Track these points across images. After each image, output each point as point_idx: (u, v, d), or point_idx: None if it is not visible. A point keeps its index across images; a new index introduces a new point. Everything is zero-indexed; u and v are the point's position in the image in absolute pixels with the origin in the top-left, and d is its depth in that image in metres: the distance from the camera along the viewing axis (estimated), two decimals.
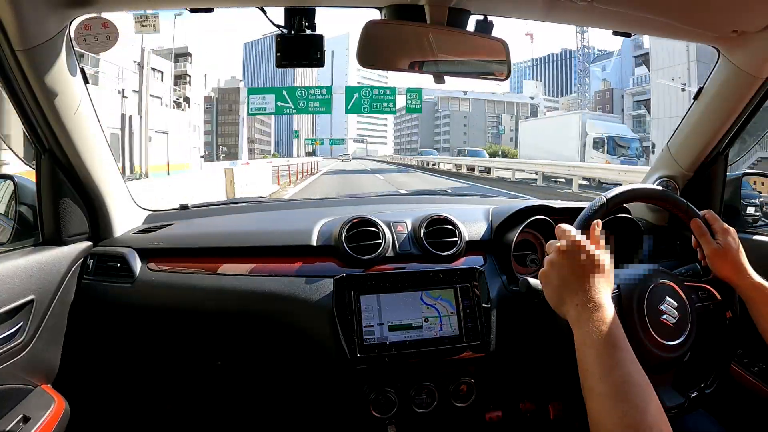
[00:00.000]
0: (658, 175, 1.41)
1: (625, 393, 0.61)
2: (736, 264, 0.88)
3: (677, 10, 1.02)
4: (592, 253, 0.74)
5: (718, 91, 1.21)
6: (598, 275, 0.73)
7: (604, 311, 0.69)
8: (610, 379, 0.63)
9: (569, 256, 0.75)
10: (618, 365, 0.64)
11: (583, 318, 0.69)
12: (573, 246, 0.75)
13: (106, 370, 1.25)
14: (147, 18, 3.41)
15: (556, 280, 0.76)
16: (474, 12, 1.03)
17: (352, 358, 1.02)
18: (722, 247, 0.89)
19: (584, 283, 0.72)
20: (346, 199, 1.85)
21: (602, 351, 0.65)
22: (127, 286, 1.15)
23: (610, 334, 0.66)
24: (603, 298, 0.71)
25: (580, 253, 0.74)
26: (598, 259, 0.74)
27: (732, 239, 0.90)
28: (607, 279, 0.75)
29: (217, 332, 1.16)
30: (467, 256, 1.21)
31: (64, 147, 1.09)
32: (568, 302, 0.73)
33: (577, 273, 0.74)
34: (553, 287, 0.76)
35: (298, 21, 1.05)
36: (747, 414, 1.22)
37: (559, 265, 0.76)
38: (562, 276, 0.75)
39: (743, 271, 0.88)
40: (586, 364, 0.67)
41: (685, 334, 0.85)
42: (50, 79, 0.99)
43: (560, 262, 0.76)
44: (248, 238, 1.22)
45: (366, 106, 30.97)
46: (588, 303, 0.70)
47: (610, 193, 0.88)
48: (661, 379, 0.86)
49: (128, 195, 1.33)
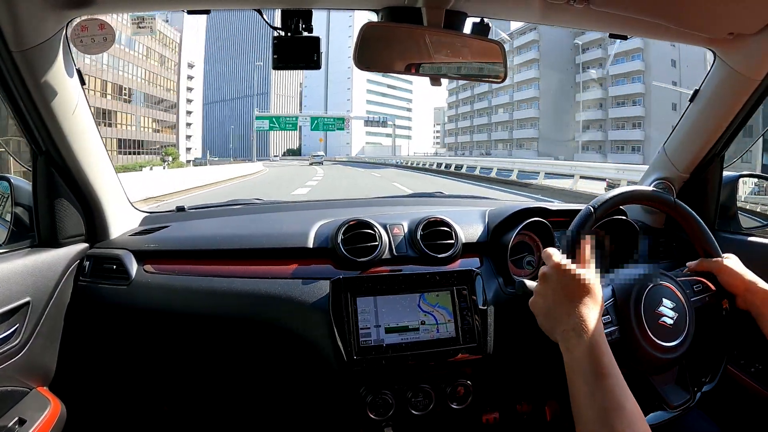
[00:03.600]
0: (654, 177, 1.42)
1: (611, 420, 0.62)
2: (743, 280, 0.87)
3: (673, 12, 1.02)
4: (577, 276, 0.74)
5: (714, 93, 1.21)
6: (586, 298, 0.72)
7: (592, 337, 0.69)
8: (596, 406, 0.64)
9: (554, 282, 0.75)
10: (605, 393, 0.64)
11: (571, 345, 0.69)
12: (557, 272, 0.75)
13: (103, 373, 1.24)
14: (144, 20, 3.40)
15: (543, 308, 0.76)
16: (471, 14, 1.04)
17: (349, 361, 1.02)
18: (730, 263, 0.89)
19: (571, 308, 0.72)
20: (342, 201, 1.85)
21: (590, 379, 0.65)
22: (123, 288, 1.15)
23: (598, 362, 0.66)
24: (591, 323, 0.70)
25: (565, 278, 0.74)
26: (584, 282, 0.73)
27: (734, 261, 0.90)
28: (596, 300, 0.74)
29: (213, 334, 1.16)
30: (464, 258, 1.22)
31: (61, 148, 1.08)
32: (557, 329, 0.73)
33: (563, 299, 0.73)
34: (543, 315, 0.76)
35: (295, 23, 1.05)
36: (745, 415, 1.22)
37: (544, 294, 0.76)
38: (549, 304, 0.75)
39: (755, 281, 0.87)
40: (574, 390, 0.67)
41: (684, 332, 0.85)
42: (47, 81, 0.99)
43: (545, 290, 0.76)
44: (244, 240, 1.21)
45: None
46: (575, 329, 0.70)
47: (597, 201, 0.87)
48: (664, 378, 0.87)
49: (124, 197, 1.33)
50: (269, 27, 1.07)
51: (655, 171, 1.43)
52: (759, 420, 1.19)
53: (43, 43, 0.95)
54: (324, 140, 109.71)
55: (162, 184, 14.55)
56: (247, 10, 1.11)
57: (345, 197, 2.52)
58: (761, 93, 1.16)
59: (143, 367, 1.24)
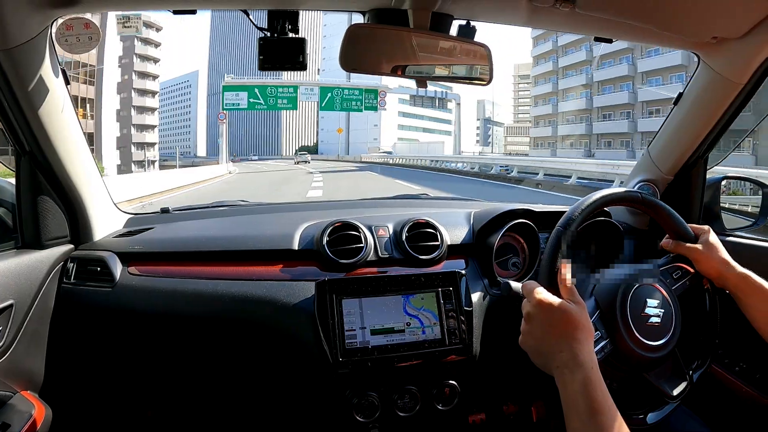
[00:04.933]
0: (638, 179, 1.43)
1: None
2: (720, 260, 0.89)
3: (658, 16, 1.03)
4: (562, 311, 0.72)
5: (698, 96, 1.22)
6: (575, 332, 0.71)
7: (584, 371, 0.68)
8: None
9: (540, 320, 0.73)
10: (598, 428, 0.64)
11: (565, 380, 0.68)
12: (541, 309, 0.74)
13: (88, 376, 1.23)
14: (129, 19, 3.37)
15: (534, 347, 0.75)
16: (457, 17, 1.04)
17: (335, 363, 1.02)
18: (704, 248, 0.91)
19: (561, 345, 0.71)
20: (328, 203, 1.85)
21: (584, 417, 0.65)
22: (107, 290, 1.14)
23: (591, 398, 0.66)
24: (582, 357, 0.69)
25: (549, 314, 0.73)
26: (570, 316, 0.72)
27: (711, 238, 0.92)
28: (585, 331, 0.72)
29: (198, 337, 1.15)
30: (449, 260, 1.22)
31: (45, 149, 1.07)
32: (550, 364, 0.72)
33: (551, 337, 0.72)
34: (534, 353, 0.75)
35: (281, 24, 1.05)
36: (730, 413, 1.24)
37: (532, 333, 0.75)
38: (538, 343, 0.74)
39: (728, 264, 0.89)
40: (568, 422, 0.67)
41: (672, 327, 0.86)
42: (31, 80, 0.98)
43: (532, 329, 0.74)
44: (229, 242, 1.21)
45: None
46: (568, 365, 0.69)
47: (564, 219, 0.84)
48: (659, 373, 0.88)
49: (109, 198, 1.32)
50: (255, 27, 1.06)
51: (639, 173, 1.44)
52: (744, 417, 1.21)
53: (28, 42, 0.94)
54: (344, 131, 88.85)
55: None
56: (234, 10, 1.10)
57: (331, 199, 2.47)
58: (744, 96, 1.17)
59: (129, 371, 1.23)
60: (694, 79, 1.22)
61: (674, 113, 1.30)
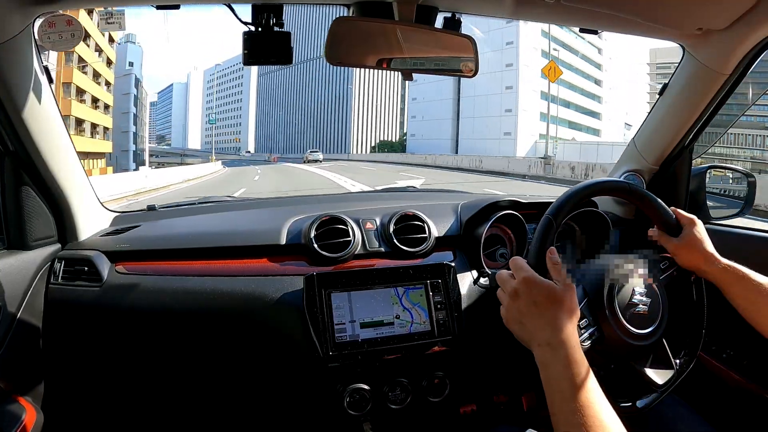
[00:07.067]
0: (624, 169, 1.44)
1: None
2: (703, 253, 0.89)
3: (643, 8, 1.03)
4: (548, 289, 0.72)
5: (683, 87, 1.23)
6: (559, 311, 0.71)
7: (567, 350, 0.67)
8: (574, 420, 0.63)
9: (525, 297, 0.73)
10: (582, 407, 0.63)
11: (546, 359, 0.68)
12: (527, 286, 0.73)
13: (79, 378, 1.23)
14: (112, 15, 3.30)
15: (516, 321, 0.74)
16: (442, 9, 1.03)
17: (324, 357, 1.02)
18: (685, 241, 0.90)
19: (544, 322, 0.70)
20: (315, 197, 1.84)
21: (566, 394, 0.64)
22: (95, 289, 1.13)
23: (574, 375, 0.65)
24: (566, 335, 0.69)
25: (535, 291, 0.72)
26: (555, 294, 0.72)
27: (696, 230, 0.91)
28: (570, 311, 0.72)
29: (188, 334, 1.15)
30: (437, 252, 1.23)
31: (28, 148, 1.06)
32: (532, 342, 0.71)
33: (534, 314, 0.71)
34: (517, 327, 0.74)
35: (266, 18, 1.04)
36: (718, 399, 1.26)
37: (515, 308, 0.74)
38: (521, 318, 0.73)
39: (711, 257, 0.88)
40: (551, 403, 0.66)
41: (660, 315, 0.87)
42: (13, 79, 0.97)
43: (517, 305, 0.74)
44: (216, 238, 1.21)
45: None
46: (550, 343, 0.68)
47: (553, 208, 0.84)
48: (647, 362, 0.89)
49: (94, 197, 1.30)
50: (239, 21, 1.05)
51: (625, 163, 1.45)
52: (732, 404, 1.23)
53: (9, 40, 0.92)
54: (452, 120, 51.35)
55: None
56: (217, 4, 1.09)
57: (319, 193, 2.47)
58: (729, 87, 1.18)
59: (120, 370, 1.22)
60: (679, 70, 1.23)
61: (659, 104, 1.31)
